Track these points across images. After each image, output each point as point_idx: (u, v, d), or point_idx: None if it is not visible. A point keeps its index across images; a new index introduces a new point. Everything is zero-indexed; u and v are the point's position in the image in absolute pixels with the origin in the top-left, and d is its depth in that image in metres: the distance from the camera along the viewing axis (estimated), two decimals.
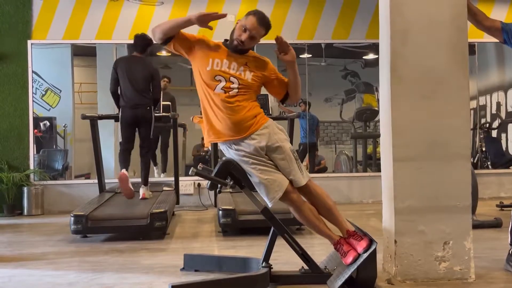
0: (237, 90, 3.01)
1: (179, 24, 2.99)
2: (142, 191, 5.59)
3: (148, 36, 5.61)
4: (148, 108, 5.48)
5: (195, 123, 5.20)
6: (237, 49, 3.05)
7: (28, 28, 6.93)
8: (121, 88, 5.50)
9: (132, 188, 5.32)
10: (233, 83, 3.01)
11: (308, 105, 8.26)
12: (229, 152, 3.08)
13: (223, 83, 3.00)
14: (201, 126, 3.21)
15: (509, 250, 3.30)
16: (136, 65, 5.52)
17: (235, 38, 3.04)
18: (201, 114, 3.16)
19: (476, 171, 5.26)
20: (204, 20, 2.94)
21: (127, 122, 5.48)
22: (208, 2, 7.20)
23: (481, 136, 8.10)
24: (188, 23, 2.97)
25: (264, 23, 3.05)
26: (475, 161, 7.85)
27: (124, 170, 5.30)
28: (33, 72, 6.97)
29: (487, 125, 8.25)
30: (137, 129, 5.58)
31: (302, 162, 3.15)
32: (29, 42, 6.92)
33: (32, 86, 6.97)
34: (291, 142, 3.30)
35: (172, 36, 3.02)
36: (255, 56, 3.17)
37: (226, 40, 3.15)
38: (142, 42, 5.57)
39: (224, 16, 2.96)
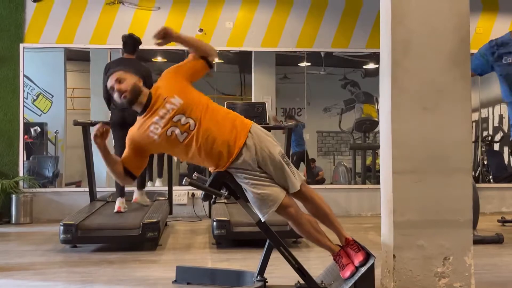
0: (192, 121, 2.86)
1: (106, 162, 2.94)
2: (135, 195, 5.54)
3: (136, 35, 5.64)
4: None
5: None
6: (132, 102, 2.91)
7: (21, 31, 6.93)
8: None
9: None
10: (180, 120, 2.86)
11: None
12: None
13: (177, 130, 2.86)
14: None
15: None
16: (127, 66, 5.48)
17: (117, 99, 2.95)
18: None
19: (477, 185, 5.26)
20: (101, 139, 2.87)
21: (116, 124, 5.38)
22: (206, 8, 7.23)
23: (483, 149, 8.13)
24: (103, 154, 2.90)
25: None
26: (476, 175, 7.86)
27: (119, 201, 5.24)
28: (24, 76, 6.97)
29: (489, 138, 8.28)
30: None
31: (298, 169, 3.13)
32: (21, 45, 6.92)
33: (23, 91, 6.96)
34: (288, 153, 3.28)
35: (124, 168, 2.96)
36: (158, 87, 2.99)
37: (137, 112, 3.02)
38: (131, 41, 5.57)
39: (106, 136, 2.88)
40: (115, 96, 2.93)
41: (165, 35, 2.93)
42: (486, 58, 3.27)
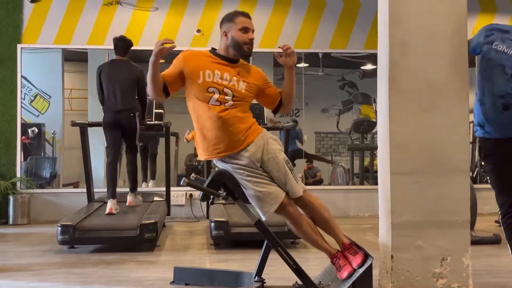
0: (232, 102, 2.98)
1: (152, 74, 2.92)
2: (129, 198, 5.60)
3: (127, 37, 5.63)
4: (132, 114, 5.38)
5: (188, 140, 5.20)
6: (247, 55, 3.13)
7: (18, 32, 6.93)
8: (104, 93, 5.44)
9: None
10: (227, 94, 2.98)
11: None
12: (223, 165, 3.06)
13: (217, 95, 2.97)
14: (194, 142, 3.20)
15: None
16: (120, 69, 5.45)
17: (242, 42, 3.07)
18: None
19: (475, 186, 5.27)
20: (162, 54, 2.89)
21: (110, 125, 5.38)
22: (204, 8, 7.23)
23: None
24: (155, 66, 2.90)
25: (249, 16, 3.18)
26: (474, 176, 7.87)
27: (111, 203, 5.22)
28: (22, 77, 6.96)
29: None
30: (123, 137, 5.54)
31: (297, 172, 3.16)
32: (18, 46, 6.92)
33: (21, 91, 6.95)
34: (286, 153, 3.28)
35: (163, 85, 2.98)
36: (246, 65, 3.18)
37: (213, 49, 3.14)
38: (122, 44, 5.54)
39: (173, 46, 2.90)
40: (241, 36, 3.09)
41: (292, 54, 3.10)
42: (479, 37, 3.23)
